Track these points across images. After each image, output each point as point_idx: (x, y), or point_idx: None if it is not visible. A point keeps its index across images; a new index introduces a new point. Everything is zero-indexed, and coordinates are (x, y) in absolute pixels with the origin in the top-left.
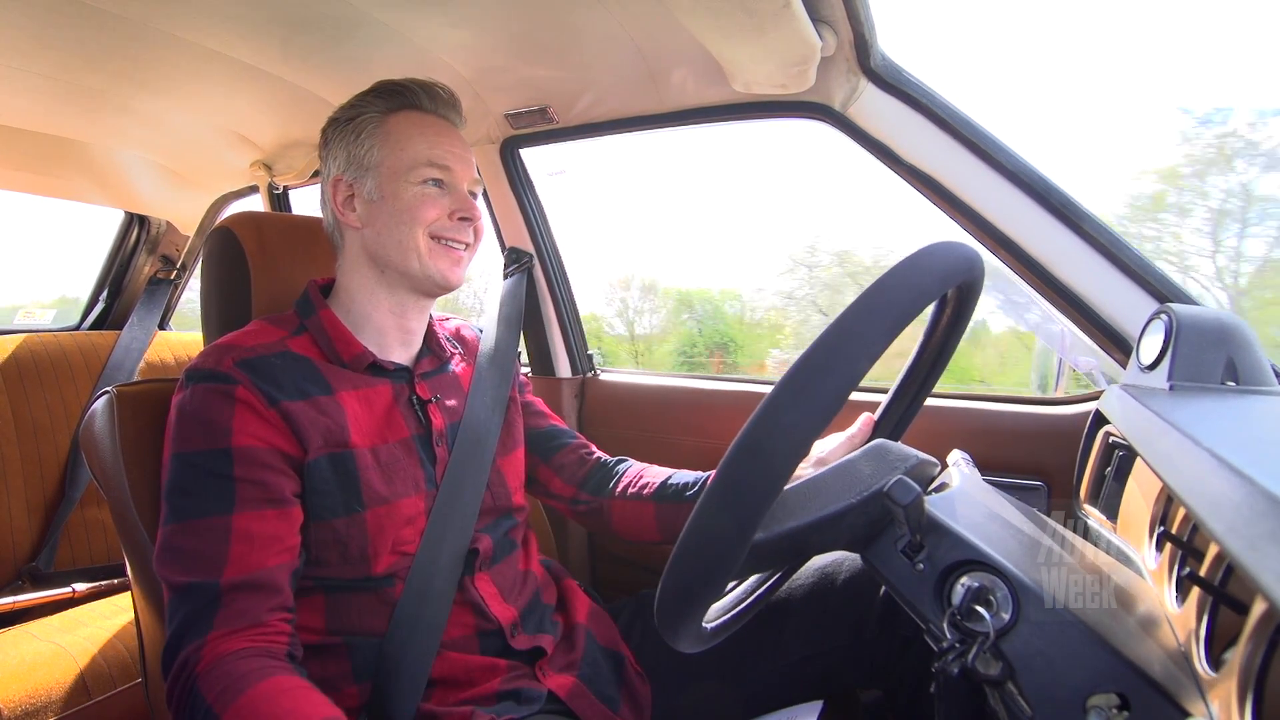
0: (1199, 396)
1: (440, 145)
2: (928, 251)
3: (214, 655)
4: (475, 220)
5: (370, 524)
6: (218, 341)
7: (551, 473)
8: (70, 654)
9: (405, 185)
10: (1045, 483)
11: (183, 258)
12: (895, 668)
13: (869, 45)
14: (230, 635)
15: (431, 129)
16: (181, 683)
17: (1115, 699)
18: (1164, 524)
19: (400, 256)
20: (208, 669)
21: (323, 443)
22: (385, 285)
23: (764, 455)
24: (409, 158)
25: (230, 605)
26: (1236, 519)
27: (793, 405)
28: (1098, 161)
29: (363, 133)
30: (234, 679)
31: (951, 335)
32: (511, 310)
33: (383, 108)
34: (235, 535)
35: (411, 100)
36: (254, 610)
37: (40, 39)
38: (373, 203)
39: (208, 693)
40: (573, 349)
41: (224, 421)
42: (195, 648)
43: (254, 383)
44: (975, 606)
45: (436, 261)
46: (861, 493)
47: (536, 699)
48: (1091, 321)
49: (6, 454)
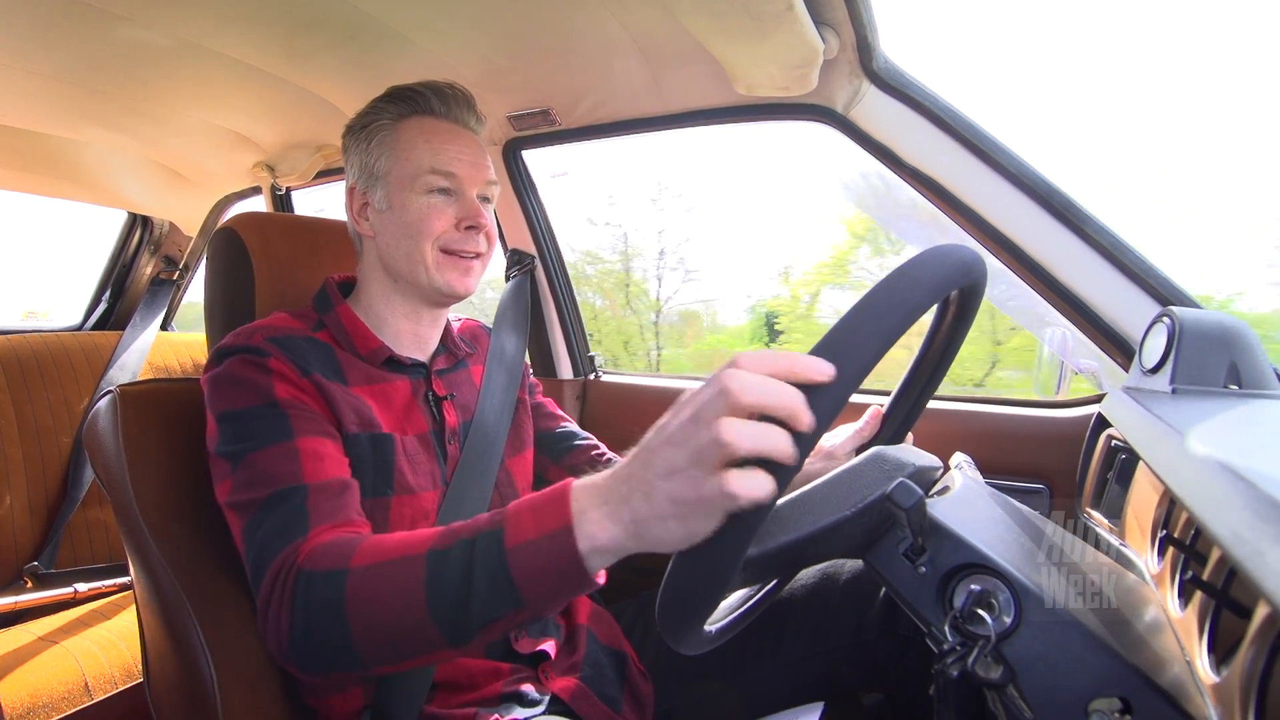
0: (1201, 400)
1: (446, 151)
2: (930, 255)
3: (313, 546)
4: (484, 228)
5: (394, 509)
6: (244, 326)
7: (562, 472)
8: (72, 654)
9: (412, 196)
10: (1047, 486)
11: (185, 258)
12: (896, 668)
13: (871, 48)
14: (329, 530)
15: (440, 135)
16: (280, 582)
17: (1117, 703)
18: (1166, 527)
19: (409, 269)
20: (310, 555)
21: (357, 421)
22: (399, 293)
23: None
24: (414, 167)
25: (321, 505)
26: (1239, 523)
27: (841, 358)
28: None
29: (373, 141)
30: (344, 544)
31: (954, 339)
32: (516, 312)
33: (394, 114)
34: (304, 454)
35: (421, 105)
36: (345, 508)
37: (43, 40)
38: (382, 213)
39: (322, 563)
40: (574, 350)
41: (264, 383)
42: (294, 547)
43: (286, 356)
44: (977, 610)
45: (445, 273)
46: (857, 504)
47: (539, 701)
48: (1094, 324)
49: (9, 454)
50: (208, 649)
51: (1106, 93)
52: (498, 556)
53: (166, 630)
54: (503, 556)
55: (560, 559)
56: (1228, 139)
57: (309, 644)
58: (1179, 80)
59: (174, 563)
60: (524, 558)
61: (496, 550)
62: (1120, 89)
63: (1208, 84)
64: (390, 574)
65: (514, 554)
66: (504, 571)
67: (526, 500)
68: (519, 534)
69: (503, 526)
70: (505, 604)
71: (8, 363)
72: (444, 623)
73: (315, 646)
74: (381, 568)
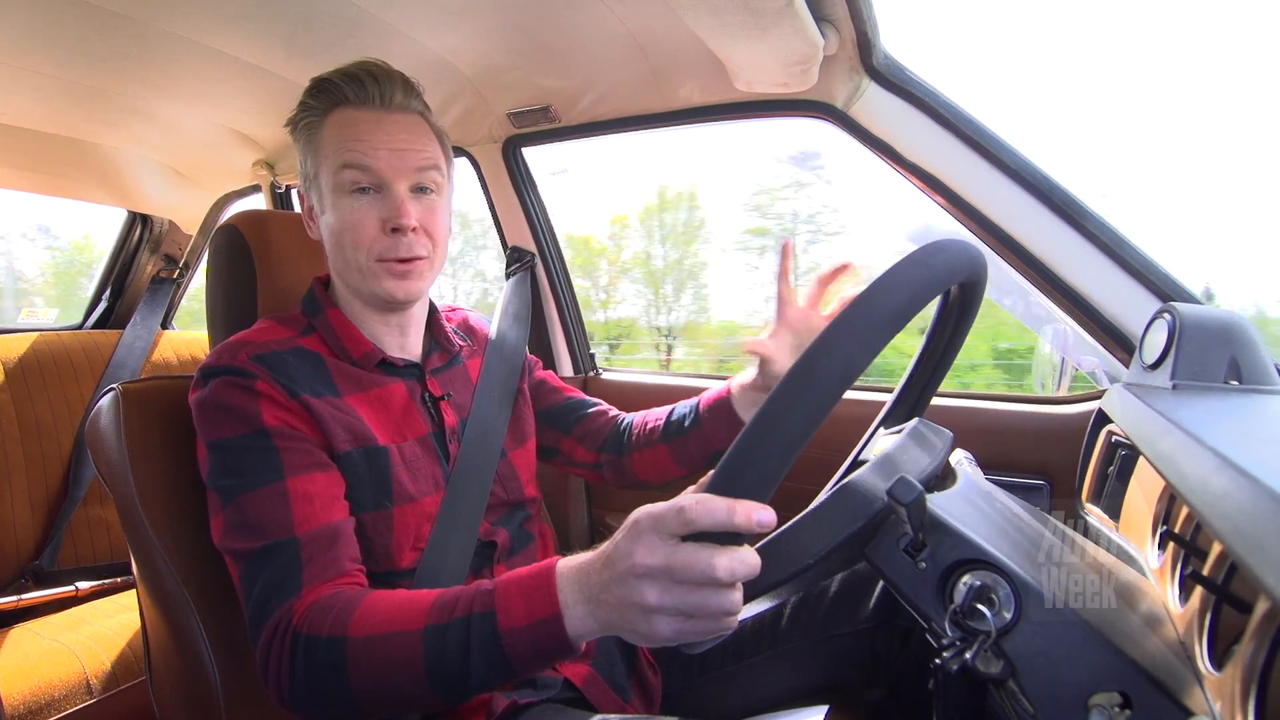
0: (1202, 396)
1: (362, 143)
2: (931, 248)
3: (307, 604)
4: (408, 229)
5: (396, 519)
6: (228, 340)
7: (574, 443)
8: (74, 652)
9: (338, 198)
10: (1048, 482)
11: (185, 257)
12: (897, 659)
13: (872, 44)
14: (322, 587)
15: (358, 125)
16: (278, 640)
17: (1118, 698)
18: (1167, 523)
19: (351, 278)
20: (304, 615)
21: (350, 437)
22: (359, 299)
23: (760, 453)
24: (330, 165)
25: (314, 560)
26: (1240, 518)
27: (790, 406)
28: None
29: (303, 140)
30: (339, 605)
31: (956, 334)
32: (519, 307)
33: (320, 109)
34: (294, 497)
35: (339, 96)
36: (338, 560)
37: (43, 38)
38: (321, 218)
39: (319, 628)
40: (575, 348)
41: (251, 408)
42: (289, 605)
43: (272, 377)
44: (977, 605)
45: (382, 282)
46: (821, 551)
47: (552, 685)
48: (1094, 320)
49: (10, 453)
50: (210, 646)
51: (1106, 91)
52: (493, 640)
53: (169, 627)
54: (498, 640)
55: (550, 641)
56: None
57: (311, 700)
58: (1179, 80)
59: (176, 560)
60: (517, 641)
61: (491, 634)
62: (1120, 87)
63: (1208, 83)
64: (388, 648)
65: (508, 637)
66: (499, 653)
67: (515, 582)
68: (510, 619)
69: (494, 610)
70: (500, 675)
71: (8, 362)
72: (443, 689)
73: (317, 703)
74: (380, 640)
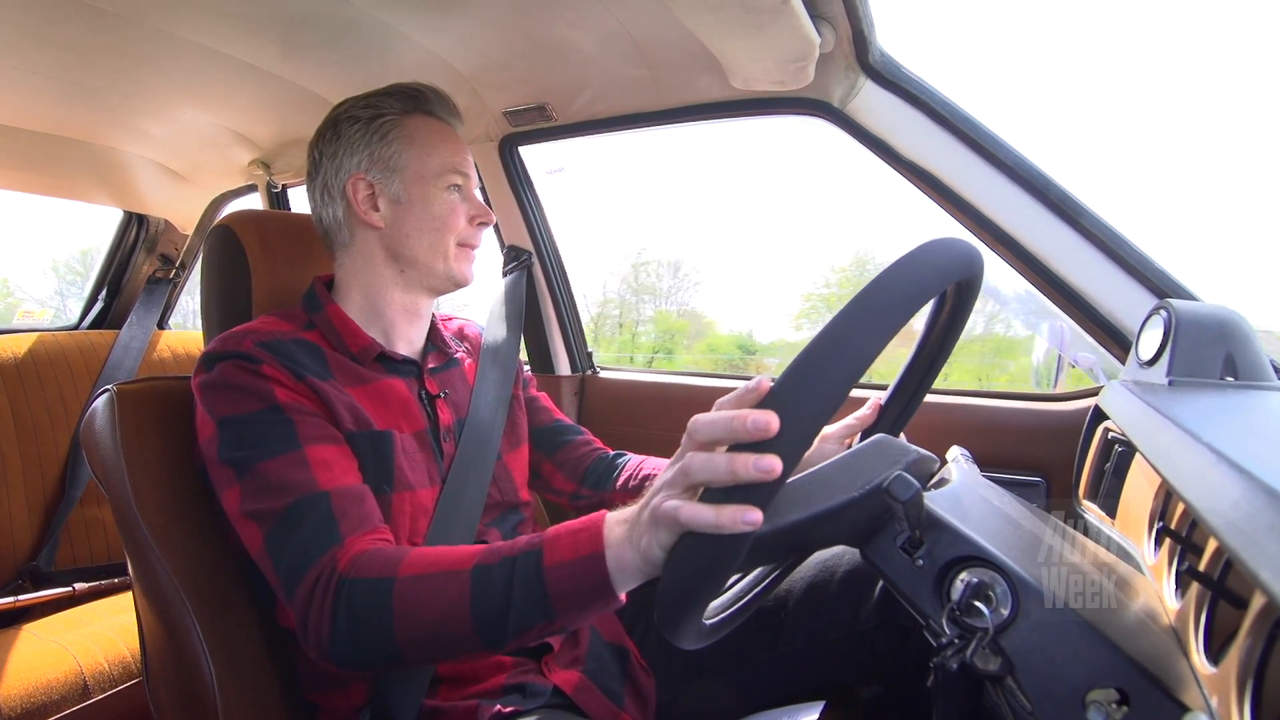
0: (1198, 392)
1: (460, 153)
2: (928, 247)
3: (352, 554)
4: (489, 225)
5: (394, 506)
6: (232, 329)
7: (554, 468)
8: (71, 653)
9: (434, 191)
10: (1044, 479)
11: (181, 256)
12: (894, 659)
13: (868, 42)
14: (362, 538)
15: (450, 137)
16: (321, 587)
17: (1115, 694)
18: (1163, 519)
19: (428, 259)
20: (351, 563)
21: (354, 420)
22: (402, 284)
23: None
24: (436, 164)
25: (348, 514)
26: (1235, 514)
27: (792, 402)
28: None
29: (389, 134)
30: (388, 553)
31: (951, 331)
32: (512, 308)
33: (399, 110)
34: (313, 462)
35: (426, 106)
36: (370, 517)
37: (39, 37)
38: (399, 205)
39: (368, 571)
40: (572, 347)
41: (263, 388)
42: (332, 554)
43: (278, 361)
44: (974, 602)
45: (460, 264)
46: (864, 486)
47: (542, 693)
48: (1090, 317)
49: (6, 453)
50: (206, 646)
51: (1106, 89)
52: (536, 575)
53: (165, 628)
54: (541, 575)
55: (591, 578)
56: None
57: (353, 645)
58: (1178, 78)
59: (172, 560)
60: (559, 576)
61: (535, 568)
62: (1119, 86)
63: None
64: (438, 584)
65: (551, 572)
66: (540, 588)
67: (565, 526)
68: (556, 555)
69: (541, 548)
70: (538, 616)
71: (4, 363)
72: (483, 630)
73: (358, 648)
74: (430, 578)
